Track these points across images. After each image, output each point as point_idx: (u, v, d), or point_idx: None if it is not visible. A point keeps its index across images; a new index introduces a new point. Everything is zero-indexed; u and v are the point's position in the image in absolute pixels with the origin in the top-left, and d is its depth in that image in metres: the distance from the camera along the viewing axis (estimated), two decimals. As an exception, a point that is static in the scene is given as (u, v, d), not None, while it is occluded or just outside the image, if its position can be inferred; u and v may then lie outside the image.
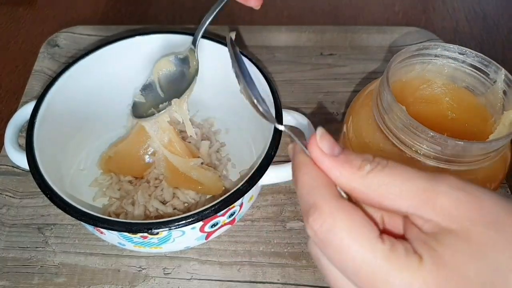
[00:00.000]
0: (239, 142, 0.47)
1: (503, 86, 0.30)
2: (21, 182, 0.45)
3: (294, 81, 0.54)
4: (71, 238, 0.42)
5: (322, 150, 0.23)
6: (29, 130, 0.38)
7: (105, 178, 0.44)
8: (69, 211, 0.34)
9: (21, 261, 0.40)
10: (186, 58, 0.44)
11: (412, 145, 0.28)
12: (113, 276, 0.40)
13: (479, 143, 0.27)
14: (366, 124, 0.32)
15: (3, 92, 0.54)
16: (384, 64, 0.56)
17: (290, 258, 0.41)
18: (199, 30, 0.43)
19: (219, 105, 0.48)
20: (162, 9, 0.66)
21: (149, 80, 0.44)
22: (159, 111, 0.42)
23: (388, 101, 0.29)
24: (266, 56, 0.57)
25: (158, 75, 0.44)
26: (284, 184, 0.45)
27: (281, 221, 0.43)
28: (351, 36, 0.58)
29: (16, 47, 0.60)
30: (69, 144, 0.43)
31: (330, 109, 0.52)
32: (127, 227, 0.33)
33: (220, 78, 0.46)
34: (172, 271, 0.40)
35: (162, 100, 0.43)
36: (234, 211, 0.38)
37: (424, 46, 0.32)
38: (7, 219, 0.43)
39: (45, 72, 0.54)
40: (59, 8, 0.65)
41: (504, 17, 0.65)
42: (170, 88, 0.44)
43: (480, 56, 0.32)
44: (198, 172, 0.42)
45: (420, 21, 0.64)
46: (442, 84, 0.33)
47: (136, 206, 0.41)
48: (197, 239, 0.39)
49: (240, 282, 0.39)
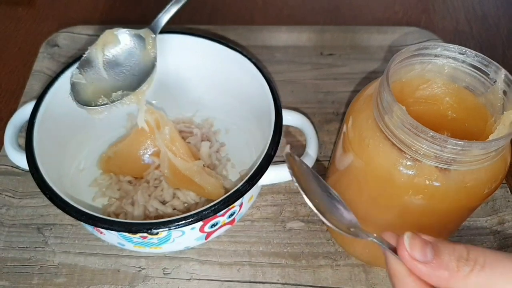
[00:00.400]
0: (239, 142, 0.47)
1: (503, 86, 0.30)
2: (20, 182, 0.45)
3: (294, 81, 0.54)
4: (71, 238, 0.42)
5: (415, 258, 0.23)
6: (29, 130, 0.38)
7: (104, 178, 0.44)
8: (68, 211, 0.34)
9: (20, 261, 0.40)
10: (140, 38, 0.38)
11: (412, 145, 0.28)
12: (113, 276, 0.39)
13: (479, 143, 0.27)
14: (366, 124, 0.32)
15: (3, 92, 0.54)
16: (384, 64, 0.56)
17: (290, 258, 0.41)
18: (165, 13, 0.38)
19: (219, 105, 0.48)
20: (162, 9, 0.66)
21: (88, 56, 0.37)
22: (112, 101, 0.36)
23: (388, 101, 0.29)
24: (266, 56, 0.57)
25: (102, 51, 0.37)
26: (284, 184, 0.45)
27: (280, 221, 0.43)
28: (351, 36, 0.58)
29: (15, 47, 0.60)
30: (69, 144, 0.43)
31: (330, 109, 0.52)
32: (127, 227, 0.33)
33: (220, 78, 0.47)
34: (172, 271, 0.40)
35: (109, 85, 0.37)
36: (234, 211, 0.38)
37: (424, 46, 0.32)
38: (6, 219, 0.43)
39: (45, 72, 0.54)
40: (59, 8, 0.65)
41: (504, 17, 0.65)
42: (116, 69, 0.37)
43: (480, 56, 0.32)
44: (201, 177, 0.41)
45: (420, 21, 0.64)
46: (442, 84, 0.33)
47: (135, 206, 0.41)
48: (197, 239, 0.39)
49: (240, 282, 0.39)
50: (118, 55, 0.38)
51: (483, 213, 0.44)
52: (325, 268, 0.40)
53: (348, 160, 0.34)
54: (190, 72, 0.47)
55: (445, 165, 0.28)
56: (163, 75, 0.47)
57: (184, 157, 0.42)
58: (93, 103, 0.36)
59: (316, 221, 0.43)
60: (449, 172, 0.29)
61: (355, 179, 0.34)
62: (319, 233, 0.43)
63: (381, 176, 0.31)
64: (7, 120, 0.41)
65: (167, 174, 0.42)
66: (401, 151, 0.30)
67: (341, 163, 0.36)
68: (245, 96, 0.45)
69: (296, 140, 0.49)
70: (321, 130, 0.50)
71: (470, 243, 0.42)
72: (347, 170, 0.35)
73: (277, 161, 0.38)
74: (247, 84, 0.44)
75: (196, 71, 0.47)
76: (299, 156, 0.41)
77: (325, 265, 0.40)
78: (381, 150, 0.30)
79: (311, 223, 0.43)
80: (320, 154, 0.48)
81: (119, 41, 0.38)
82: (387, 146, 0.30)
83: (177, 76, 0.48)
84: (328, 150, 0.49)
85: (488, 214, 0.44)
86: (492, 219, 0.43)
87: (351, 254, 0.41)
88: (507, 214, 0.43)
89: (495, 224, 0.43)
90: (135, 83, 0.37)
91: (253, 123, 0.45)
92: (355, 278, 0.40)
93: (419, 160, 0.29)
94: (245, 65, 0.43)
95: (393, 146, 0.30)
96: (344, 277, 0.40)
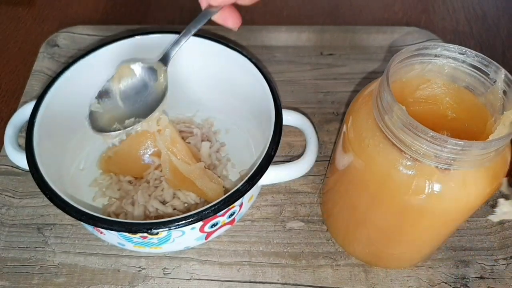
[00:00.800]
0: (239, 142, 0.47)
1: (503, 86, 0.30)
2: (20, 182, 0.45)
3: (294, 81, 0.54)
4: (71, 238, 0.42)
5: None
6: (29, 130, 0.38)
7: (105, 178, 0.44)
8: (68, 211, 0.34)
9: (20, 261, 0.40)
10: (153, 70, 0.41)
11: (412, 145, 0.28)
12: (113, 276, 0.39)
13: (479, 143, 0.27)
14: (366, 124, 0.32)
15: (3, 92, 0.54)
16: (384, 64, 0.56)
17: (290, 258, 0.41)
18: (174, 46, 0.40)
19: (219, 105, 0.48)
20: (162, 9, 0.66)
21: (106, 87, 0.40)
22: (124, 127, 0.39)
23: (388, 101, 0.29)
24: (266, 56, 0.57)
25: (118, 82, 0.40)
26: (284, 184, 0.45)
27: (280, 221, 0.43)
28: (351, 36, 0.58)
29: (15, 47, 0.60)
30: (69, 144, 0.43)
31: (330, 109, 0.52)
32: (127, 227, 0.33)
33: (220, 78, 0.47)
34: (172, 271, 0.40)
35: (123, 113, 0.40)
36: (234, 211, 0.38)
37: (424, 46, 0.32)
38: (6, 219, 0.43)
39: (45, 72, 0.54)
40: (59, 8, 0.65)
41: (504, 17, 0.65)
42: (131, 99, 0.41)
43: (480, 56, 0.31)
44: (203, 182, 0.41)
45: (420, 21, 0.64)
46: (442, 84, 0.33)
47: (136, 206, 0.41)
48: (197, 239, 0.39)
49: (240, 282, 0.39)
50: (133, 86, 0.41)
51: (483, 213, 0.44)
52: (325, 268, 0.40)
53: (348, 160, 0.34)
54: (190, 72, 0.47)
55: (445, 165, 0.28)
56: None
57: (185, 159, 0.42)
58: (107, 129, 0.39)
59: (316, 221, 0.43)
60: (449, 172, 0.29)
61: (355, 179, 0.34)
62: (319, 233, 0.43)
63: (381, 176, 0.31)
64: (7, 120, 0.41)
65: (168, 176, 0.42)
66: (401, 151, 0.30)
67: (341, 163, 0.36)
68: (245, 96, 0.45)
69: (296, 140, 0.49)
70: (321, 130, 0.50)
71: (470, 243, 0.42)
72: (347, 170, 0.35)
73: (277, 161, 0.38)
74: (247, 84, 0.44)
75: (196, 71, 0.47)
76: (299, 156, 0.41)
77: (325, 265, 0.41)
78: (381, 150, 0.30)
79: (311, 223, 0.43)
80: (320, 154, 0.48)
81: (134, 73, 0.41)
82: (387, 146, 0.30)
83: (177, 76, 0.48)
84: (328, 150, 0.49)
85: (488, 214, 0.44)
86: (492, 219, 0.43)
87: (351, 254, 0.41)
88: (507, 214, 0.43)
89: (495, 224, 0.43)
90: (147, 110, 0.40)
91: (253, 123, 0.46)
92: (355, 278, 0.40)
93: (419, 160, 0.29)
94: (245, 65, 0.43)
95: (393, 146, 0.30)
96: (344, 277, 0.40)
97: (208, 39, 0.45)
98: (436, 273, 0.40)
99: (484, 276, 0.40)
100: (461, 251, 0.42)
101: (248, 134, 0.47)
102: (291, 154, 0.48)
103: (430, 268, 0.40)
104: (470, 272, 0.40)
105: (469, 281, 0.40)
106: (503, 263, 0.41)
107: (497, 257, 0.41)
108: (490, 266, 0.41)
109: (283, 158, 0.48)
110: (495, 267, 0.40)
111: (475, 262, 0.41)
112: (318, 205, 0.44)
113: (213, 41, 0.45)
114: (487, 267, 0.40)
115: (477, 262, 0.41)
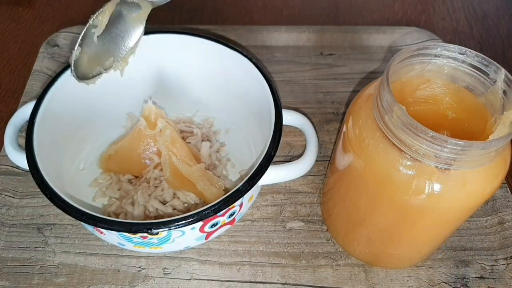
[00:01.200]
0: (239, 142, 0.47)
1: (503, 86, 0.30)
2: (20, 182, 0.45)
3: (294, 81, 0.54)
4: (71, 238, 0.42)
5: None
6: (29, 130, 0.38)
7: (104, 178, 0.44)
8: (68, 211, 0.34)
9: (21, 261, 0.40)
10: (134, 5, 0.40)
11: (412, 145, 0.28)
12: (113, 276, 0.40)
13: (479, 143, 0.27)
14: (366, 124, 0.32)
15: (3, 92, 0.54)
16: (384, 64, 0.56)
17: (290, 258, 0.41)
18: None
19: (219, 105, 0.48)
20: (162, 9, 0.65)
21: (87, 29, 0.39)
22: (105, 69, 0.41)
23: (388, 101, 0.29)
24: (266, 56, 0.57)
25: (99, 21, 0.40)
26: (284, 184, 0.45)
27: (281, 221, 0.43)
28: (351, 36, 0.58)
29: (15, 47, 0.60)
30: (69, 144, 0.43)
31: (330, 109, 0.52)
32: (127, 227, 0.33)
33: (220, 78, 0.47)
34: (172, 271, 0.40)
35: (103, 54, 0.40)
36: (234, 211, 0.38)
37: (424, 46, 0.32)
38: (6, 219, 0.43)
39: (45, 72, 0.54)
40: (59, 8, 0.65)
41: (504, 17, 0.65)
42: (110, 39, 0.40)
43: (480, 56, 0.32)
44: (203, 185, 0.41)
45: (420, 21, 0.64)
46: (442, 84, 0.33)
47: (135, 206, 0.41)
48: (197, 239, 0.39)
49: (240, 282, 0.39)
50: (112, 23, 0.40)
51: (483, 213, 0.44)
52: (325, 268, 0.40)
53: (348, 160, 0.34)
54: (190, 72, 0.47)
55: (445, 165, 0.28)
56: (163, 75, 0.48)
57: (185, 159, 0.42)
58: (90, 74, 0.40)
59: (316, 221, 0.43)
60: (449, 172, 0.29)
61: (355, 179, 0.34)
62: (319, 233, 0.43)
63: (381, 176, 0.31)
64: (7, 120, 0.41)
65: (169, 176, 0.42)
66: (401, 151, 0.30)
67: (341, 163, 0.36)
68: (245, 96, 0.45)
69: (296, 140, 0.49)
70: (321, 130, 0.50)
71: (470, 243, 0.42)
72: (347, 170, 0.35)
73: (277, 161, 0.38)
74: (247, 84, 0.44)
75: (196, 71, 0.47)
76: (299, 156, 0.41)
77: (325, 265, 0.41)
78: (381, 150, 0.30)
79: (311, 223, 0.43)
80: (320, 154, 0.48)
81: (115, 11, 0.40)
82: (387, 146, 0.30)
83: (177, 76, 0.48)
84: (328, 150, 0.49)
85: (488, 214, 0.44)
86: (492, 219, 0.43)
87: (351, 254, 0.41)
88: (507, 214, 0.43)
89: (495, 224, 0.43)
90: (126, 48, 0.41)
91: (253, 123, 0.45)
92: (355, 278, 0.40)
93: (419, 160, 0.29)
94: (245, 65, 0.43)
95: (393, 146, 0.30)
96: (344, 277, 0.40)
97: (208, 39, 0.45)
98: (436, 273, 0.40)
99: (484, 276, 0.40)
100: (461, 251, 0.42)
101: (248, 134, 0.47)
102: (291, 154, 0.48)
103: (430, 268, 0.40)
104: (470, 272, 0.40)
105: (469, 281, 0.40)
106: (503, 263, 0.41)
107: (497, 257, 0.41)
108: (490, 266, 0.41)
109: (283, 158, 0.48)
110: (495, 267, 0.41)
111: (475, 262, 0.41)
112: (318, 205, 0.44)
113: (213, 41, 0.45)
114: (487, 267, 0.40)
115: (477, 262, 0.41)
